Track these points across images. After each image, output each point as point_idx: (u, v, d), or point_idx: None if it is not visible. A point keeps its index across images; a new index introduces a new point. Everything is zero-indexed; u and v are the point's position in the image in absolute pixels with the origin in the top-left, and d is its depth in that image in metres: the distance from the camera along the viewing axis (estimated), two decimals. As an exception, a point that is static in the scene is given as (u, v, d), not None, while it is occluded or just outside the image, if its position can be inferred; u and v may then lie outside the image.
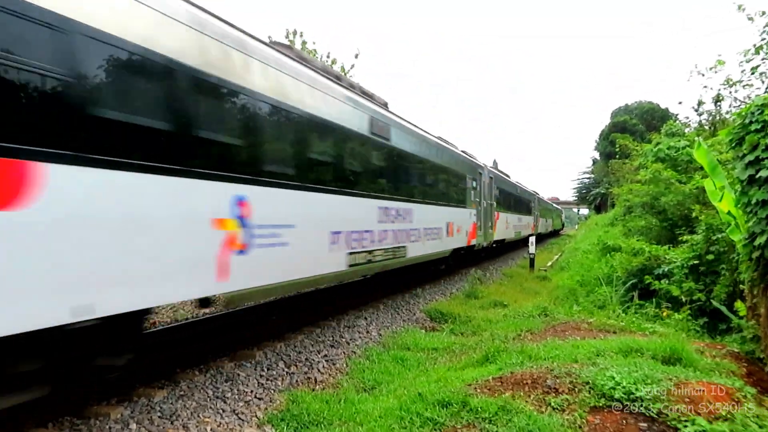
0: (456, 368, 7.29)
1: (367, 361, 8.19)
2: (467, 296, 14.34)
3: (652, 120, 56.50)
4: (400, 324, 10.94)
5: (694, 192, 13.65)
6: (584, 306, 12.42)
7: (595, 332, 8.33)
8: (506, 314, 11.49)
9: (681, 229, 13.22)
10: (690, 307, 9.70)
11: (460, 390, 5.60)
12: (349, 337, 9.43)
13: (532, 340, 8.11)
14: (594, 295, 13.74)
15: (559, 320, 9.78)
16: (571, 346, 7.01)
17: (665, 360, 6.24)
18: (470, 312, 11.94)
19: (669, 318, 9.50)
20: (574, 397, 5.20)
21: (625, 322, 9.02)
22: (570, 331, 8.59)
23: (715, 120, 21.25)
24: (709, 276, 10.02)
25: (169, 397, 6.08)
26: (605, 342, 7.10)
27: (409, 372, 7.62)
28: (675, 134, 19.96)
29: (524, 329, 9.23)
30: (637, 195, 17.36)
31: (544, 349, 6.96)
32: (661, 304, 10.60)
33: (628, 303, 11.52)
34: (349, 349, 8.79)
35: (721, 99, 18.84)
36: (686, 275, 10.33)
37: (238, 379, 6.89)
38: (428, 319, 11.75)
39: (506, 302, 13.21)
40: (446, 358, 8.35)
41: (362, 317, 10.89)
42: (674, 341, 6.65)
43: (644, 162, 18.61)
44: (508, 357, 6.86)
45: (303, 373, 7.47)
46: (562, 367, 5.85)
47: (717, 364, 6.42)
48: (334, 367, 7.95)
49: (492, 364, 6.82)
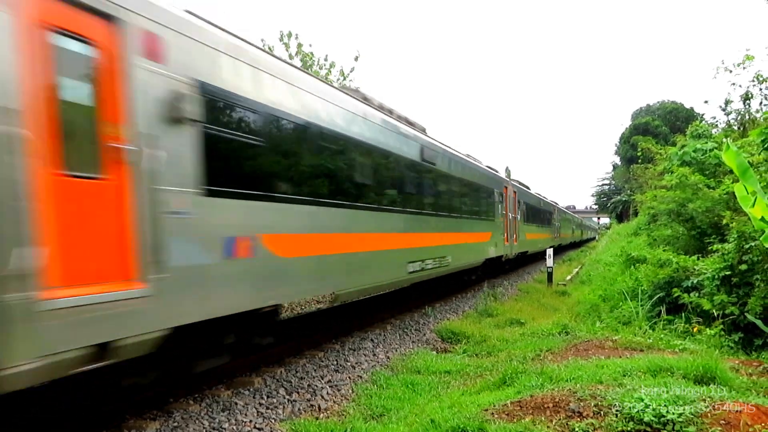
0: (471, 392, 7.26)
1: (375, 386, 8.16)
2: (481, 314, 14.30)
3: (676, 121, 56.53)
4: (409, 345, 10.90)
5: (724, 197, 13.61)
6: (608, 322, 12.36)
7: (621, 351, 8.29)
8: (524, 333, 11.45)
9: (711, 237, 13.17)
10: (723, 322, 9.64)
11: (475, 416, 5.57)
12: (355, 360, 9.41)
13: (552, 361, 8.07)
14: (618, 311, 13.67)
15: (580, 338, 9.73)
16: (595, 366, 6.97)
17: (697, 379, 6.20)
18: (485, 331, 11.90)
19: (700, 334, 9.44)
20: (600, 422, 5.16)
21: (653, 339, 8.97)
22: (593, 350, 8.55)
23: (745, 119, 21.21)
24: (742, 288, 9.96)
25: (162, 429, 6.06)
26: (632, 361, 7.06)
27: (420, 397, 7.59)
28: (701, 136, 19.95)
29: (544, 349, 9.18)
30: (662, 202, 17.31)
31: (566, 370, 6.92)
32: (691, 319, 10.53)
33: (656, 318, 11.46)
34: (354, 374, 8.77)
35: (750, 97, 18.84)
36: (718, 287, 10.27)
37: (236, 408, 6.87)
38: (439, 340, 11.71)
39: (523, 320, 13.17)
40: (460, 382, 8.31)
41: (368, 339, 10.87)
42: (707, 359, 6.61)
43: (669, 166, 18.59)
44: (527, 379, 6.82)
45: (306, 401, 7.45)
46: (586, 389, 5.81)
47: (754, 382, 6.37)
48: (339, 393, 7.92)
49: (510, 387, 6.78)
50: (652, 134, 50.17)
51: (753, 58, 16.69)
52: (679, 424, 4.92)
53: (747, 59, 16.54)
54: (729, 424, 4.96)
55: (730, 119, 22.59)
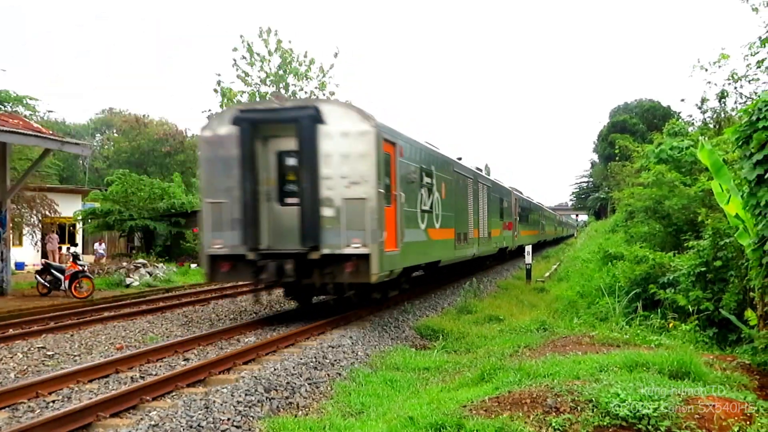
0: (449, 389, 7.33)
1: (354, 383, 8.21)
2: (460, 311, 14.41)
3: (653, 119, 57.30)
4: (388, 342, 10.96)
5: (699, 195, 13.87)
6: (585, 319, 12.54)
7: (598, 346, 8.42)
8: (502, 329, 11.57)
9: (686, 234, 13.42)
10: (698, 318, 9.84)
11: (454, 412, 5.63)
12: (333, 357, 9.43)
13: (530, 357, 8.18)
14: (595, 307, 13.88)
15: (558, 334, 9.87)
16: (573, 362, 7.08)
17: (673, 374, 6.33)
18: (463, 328, 12.00)
19: (676, 329, 9.62)
20: (577, 417, 5.26)
21: (630, 334, 9.13)
22: (571, 345, 8.68)
23: (720, 118, 21.63)
24: (717, 284, 10.16)
25: (136, 428, 6.03)
26: (608, 357, 7.19)
27: (399, 394, 7.65)
28: (678, 134, 20.28)
29: (522, 345, 9.29)
30: (639, 199, 17.59)
31: (544, 366, 7.02)
32: (667, 315, 10.73)
33: (632, 314, 11.65)
34: (333, 371, 8.80)
35: (725, 95, 19.17)
36: (693, 283, 10.46)
37: (214, 406, 6.85)
38: (419, 337, 11.78)
39: (502, 316, 13.30)
40: (439, 378, 8.39)
41: (347, 336, 10.88)
42: (682, 354, 6.76)
43: (646, 164, 18.90)
44: (505, 375, 6.92)
45: (284, 398, 7.46)
46: (563, 385, 5.91)
47: (728, 377, 6.52)
48: (318, 390, 7.95)
49: (488, 383, 6.87)
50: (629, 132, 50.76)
51: (728, 57, 17.00)
52: (654, 418, 5.04)
53: (723, 58, 16.84)
54: (703, 419, 5.09)
55: (706, 117, 23.01)
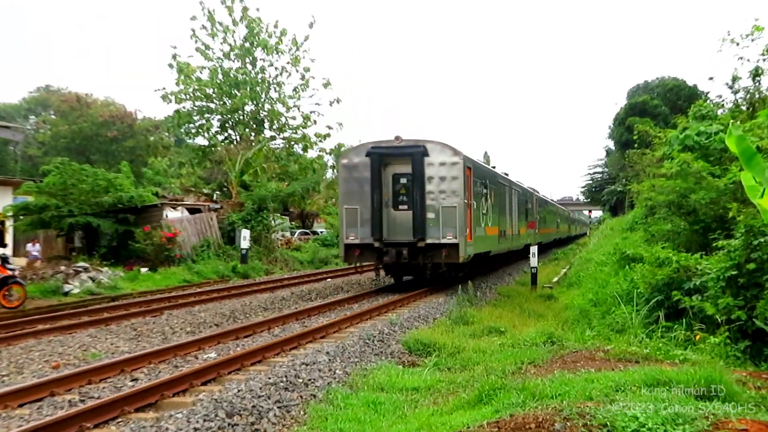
0: (442, 412, 7.29)
1: (331, 406, 8.15)
2: (455, 322, 14.39)
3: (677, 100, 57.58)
4: (371, 359, 10.91)
5: (730, 187, 13.88)
6: (599, 330, 12.55)
7: (613, 362, 8.42)
8: (503, 343, 11.55)
9: (715, 233, 13.42)
10: (728, 329, 9.84)
11: (447, 439, 5.58)
12: (307, 377, 9.37)
13: (535, 375, 8.16)
14: (611, 317, 13.88)
15: (568, 349, 9.85)
16: (584, 381, 7.06)
17: (699, 394, 6.31)
18: (459, 341, 11.97)
19: (703, 342, 9.62)
20: (590, 444, 5.22)
21: (650, 348, 9.13)
22: (582, 361, 8.67)
23: (754, 98, 21.71)
24: (750, 289, 10.16)
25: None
26: (626, 374, 7.18)
27: (384, 418, 7.60)
28: (705, 117, 20.31)
29: (526, 361, 9.27)
30: (661, 192, 17.60)
31: (551, 385, 7.00)
32: (693, 326, 10.73)
33: (653, 325, 11.66)
34: (307, 392, 8.74)
35: (760, 73, 19.24)
36: (723, 289, 10.47)
37: (166, 434, 6.77)
38: (407, 352, 11.75)
39: (503, 328, 13.29)
40: (430, 400, 8.34)
41: (323, 351, 10.83)
42: (710, 371, 6.75)
43: (669, 151, 18.92)
44: (506, 396, 6.88)
45: (249, 425, 7.39)
46: (574, 407, 5.87)
47: (763, 397, 6.52)
48: (289, 415, 7.89)
49: (487, 406, 6.83)
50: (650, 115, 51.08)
51: (762, 29, 17.03)
52: (678, 445, 5.01)
53: (756, 30, 16.88)
54: (734, 445, 5.07)
55: (737, 98, 23.07)
